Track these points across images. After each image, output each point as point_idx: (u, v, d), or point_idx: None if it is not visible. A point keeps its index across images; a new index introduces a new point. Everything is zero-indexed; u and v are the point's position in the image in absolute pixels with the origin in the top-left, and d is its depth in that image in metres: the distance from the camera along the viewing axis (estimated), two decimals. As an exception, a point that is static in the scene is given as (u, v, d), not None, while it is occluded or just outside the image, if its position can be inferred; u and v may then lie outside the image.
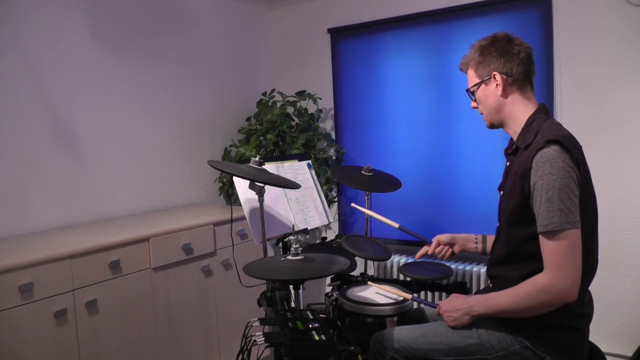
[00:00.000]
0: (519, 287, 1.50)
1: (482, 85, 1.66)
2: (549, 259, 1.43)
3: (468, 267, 3.10)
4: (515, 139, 1.63)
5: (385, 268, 3.40)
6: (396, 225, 2.12)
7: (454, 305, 1.65)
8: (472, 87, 1.70)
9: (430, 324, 1.76)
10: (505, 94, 1.62)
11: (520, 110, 1.62)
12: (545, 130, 1.51)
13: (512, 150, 1.63)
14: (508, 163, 1.68)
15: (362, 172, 2.58)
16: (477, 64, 1.66)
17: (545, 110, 1.62)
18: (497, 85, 1.62)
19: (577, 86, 2.84)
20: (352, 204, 2.41)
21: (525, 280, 1.49)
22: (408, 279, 2.19)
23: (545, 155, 1.44)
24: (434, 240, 1.98)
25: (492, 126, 1.71)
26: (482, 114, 1.72)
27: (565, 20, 2.84)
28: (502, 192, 1.68)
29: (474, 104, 1.73)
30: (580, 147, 1.53)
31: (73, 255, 2.17)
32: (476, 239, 1.94)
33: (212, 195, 3.62)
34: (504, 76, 1.60)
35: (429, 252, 1.99)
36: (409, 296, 1.89)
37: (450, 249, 1.96)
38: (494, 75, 1.62)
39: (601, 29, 2.74)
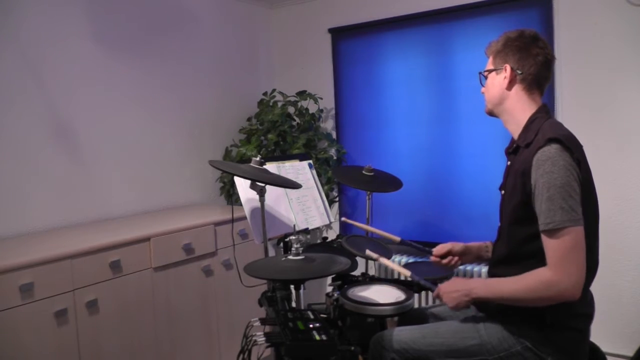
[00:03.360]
0: (523, 277, 1.48)
1: (493, 73, 1.68)
2: (552, 257, 1.43)
3: (469, 267, 3.09)
4: (515, 137, 1.64)
5: (386, 268, 3.39)
6: (397, 239, 2.05)
7: (454, 286, 1.64)
8: (484, 71, 1.72)
9: (430, 325, 1.76)
10: (510, 88, 1.63)
11: (521, 109, 1.62)
12: (546, 129, 1.51)
13: (513, 149, 1.63)
14: (509, 162, 1.68)
15: (363, 172, 2.58)
16: (496, 52, 1.67)
17: (546, 110, 1.62)
18: (505, 77, 1.63)
19: (577, 86, 2.84)
20: (343, 219, 2.27)
21: (530, 272, 1.48)
22: (408, 279, 2.18)
23: (545, 154, 1.44)
24: (447, 248, 1.91)
25: (490, 113, 1.73)
26: (485, 98, 1.74)
27: (565, 20, 2.84)
28: (503, 192, 1.68)
29: (483, 89, 1.74)
30: (581, 146, 1.53)
31: (73, 255, 2.17)
32: (487, 246, 1.91)
33: (212, 195, 3.62)
34: (514, 71, 1.61)
35: (441, 261, 1.93)
36: (407, 272, 1.87)
37: (459, 259, 1.92)
38: (505, 67, 1.63)
39: (601, 29, 2.74)
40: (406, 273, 1.87)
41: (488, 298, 1.56)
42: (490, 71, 1.69)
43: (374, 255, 1.91)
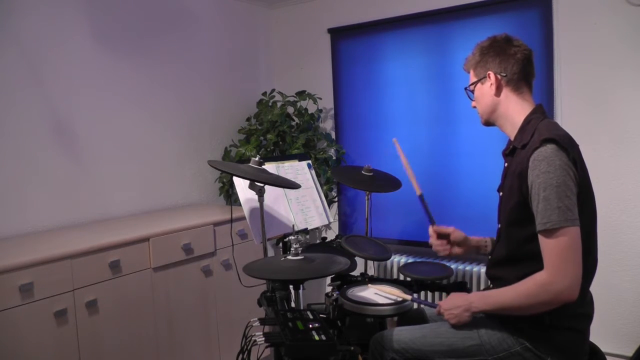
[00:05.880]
0: (519, 284, 1.49)
1: (479, 84, 1.69)
2: (548, 257, 1.43)
3: (468, 267, 3.10)
4: (512, 139, 1.64)
5: (385, 268, 3.40)
6: (419, 192, 2.00)
7: (453, 303, 1.65)
8: (469, 86, 1.73)
9: (430, 325, 1.76)
10: (498, 93, 1.64)
11: (515, 110, 1.62)
12: (541, 130, 1.51)
13: (510, 151, 1.64)
14: (506, 164, 1.68)
15: (362, 172, 2.58)
16: (475, 63, 1.69)
17: (542, 110, 1.62)
18: (491, 84, 1.64)
19: (577, 86, 2.84)
20: (394, 139, 2.20)
21: (526, 278, 1.49)
22: (408, 279, 2.19)
23: (541, 154, 1.44)
24: (449, 231, 1.94)
25: (487, 123, 1.74)
26: (478, 111, 1.74)
27: (565, 20, 2.84)
28: (501, 194, 1.68)
29: (473, 103, 1.75)
30: (577, 146, 1.53)
31: (73, 255, 2.17)
32: (486, 242, 1.94)
33: (212, 195, 3.62)
34: (498, 76, 1.62)
35: (431, 241, 1.96)
36: (408, 297, 1.89)
37: (450, 248, 1.94)
38: (489, 74, 1.64)
39: (601, 29, 2.74)
40: (407, 297, 1.89)
41: (488, 310, 1.57)
42: (475, 83, 1.70)
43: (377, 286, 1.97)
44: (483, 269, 3.03)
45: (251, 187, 2.04)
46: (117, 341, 2.33)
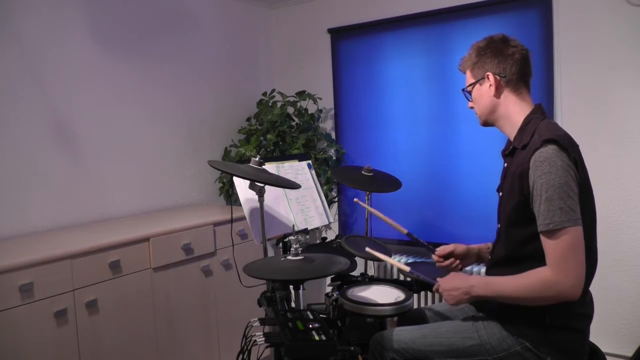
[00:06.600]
0: (523, 276, 1.48)
1: (477, 85, 1.68)
2: (551, 257, 1.43)
3: (468, 267, 3.09)
4: (512, 139, 1.64)
5: (386, 268, 3.40)
6: (405, 230, 2.01)
7: (454, 284, 1.62)
8: (467, 87, 1.72)
9: (430, 325, 1.76)
10: (498, 94, 1.63)
11: (514, 111, 1.62)
12: (542, 130, 1.51)
13: (509, 151, 1.63)
14: (505, 164, 1.68)
15: (362, 172, 2.58)
16: (472, 64, 1.68)
17: (541, 110, 1.62)
18: (490, 85, 1.63)
19: (577, 86, 2.84)
20: (355, 199, 2.32)
21: (530, 270, 1.48)
22: (408, 279, 2.19)
23: (543, 155, 1.44)
24: (450, 249, 1.89)
25: (485, 124, 1.72)
26: (476, 112, 1.73)
27: (565, 20, 2.84)
28: (500, 194, 1.68)
29: (470, 104, 1.74)
30: (577, 146, 1.53)
31: (73, 255, 2.17)
32: (488, 247, 1.89)
33: (212, 195, 3.62)
34: (497, 76, 1.61)
35: (444, 262, 1.90)
36: (407, 268, 1.82)
37: (460, 263, 1.89)
38: (488, 75, 1.63)
39: (601, 29, 2.74)
40: (405, 269, 1.86)
41: (488, 296, 1.56)
42: (473, 84, 1.69)
43: (375, 253, 1.90)
44: (483, 269, 3.03)
45: (251, 187, 2.04)
46: (117, 341, 2.33)
